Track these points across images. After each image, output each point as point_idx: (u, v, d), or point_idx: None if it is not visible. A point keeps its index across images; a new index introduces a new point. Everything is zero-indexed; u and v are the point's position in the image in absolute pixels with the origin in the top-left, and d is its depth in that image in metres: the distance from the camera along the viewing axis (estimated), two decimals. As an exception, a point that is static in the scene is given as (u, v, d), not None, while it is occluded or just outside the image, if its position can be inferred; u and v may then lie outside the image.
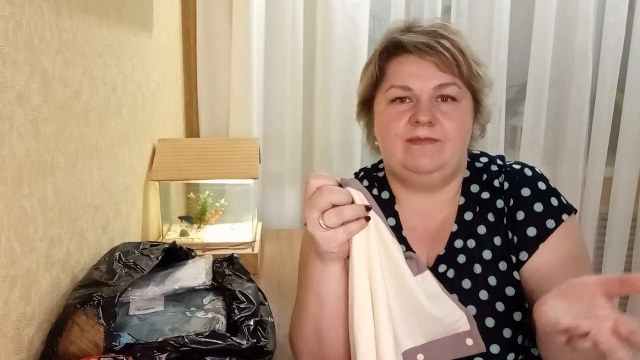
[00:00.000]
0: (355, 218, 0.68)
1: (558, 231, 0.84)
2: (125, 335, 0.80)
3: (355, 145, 1.88)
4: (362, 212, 0.68)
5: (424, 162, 0.83)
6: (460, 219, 0.89)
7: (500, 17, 1.83)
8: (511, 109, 2.09)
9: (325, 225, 0.67)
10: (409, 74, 0.85)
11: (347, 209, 0.67)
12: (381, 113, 0.88)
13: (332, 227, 0.67)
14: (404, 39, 0.86)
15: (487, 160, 0.94)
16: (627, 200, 2.00)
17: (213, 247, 1.37)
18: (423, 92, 0.84)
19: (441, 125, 0.83)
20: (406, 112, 0.84)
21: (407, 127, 0.84)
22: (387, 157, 0.90)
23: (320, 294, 0.76)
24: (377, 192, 0.97)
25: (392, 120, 0.85)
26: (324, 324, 0.77)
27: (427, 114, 0.82)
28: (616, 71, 1.90)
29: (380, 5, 1.90)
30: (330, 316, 0.77)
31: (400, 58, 0.87)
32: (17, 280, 0.71)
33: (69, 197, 0.88)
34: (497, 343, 0.81)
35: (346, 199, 0.68)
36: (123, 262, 0.89)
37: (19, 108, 0.71)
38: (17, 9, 0.70)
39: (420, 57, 0.85)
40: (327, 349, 0.79)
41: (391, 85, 0.86)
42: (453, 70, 0.84)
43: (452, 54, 0.83)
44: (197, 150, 1.43)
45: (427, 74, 0.84)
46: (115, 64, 1.11)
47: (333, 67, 1.82)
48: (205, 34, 1.79)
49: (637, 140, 1.95)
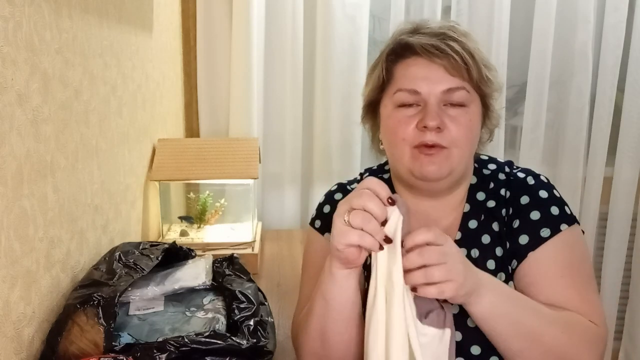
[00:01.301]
0: (373, 235, 0.67)
1: (553, 241, 0.83)
2: (125, 335, 0.80)
3: (355, 145, 1.88)
4: (381, 237, 0.68)
5: (431, 169, 0.81)
6: (464, 226, 0.88)
7: (500, 17, 1.83)
8: (511, 109, 2.09)
9: (348, 221, 0.68)
10: (417, 77, 0.83)
11: (373, 223, 0.67)
12: (388, 117, 0.86)
13: (351, 227, 0.68)
14: (413, 41, 0.84)
15: (495, 167, 0.93)
16: (627, 200, 2.00)
17: (213, 247, 1.37)
18: (431, 95, 0.82)
19: (449, 130, 0.81)
20: (414, 117, 0.82)
21: (415, 132, 0.82)
22: (394, 162, 0.88)
23: (326, 297, 0.76)
24: None
25: (400, 125, 0.83)
26: (328, 327, 0.77)
27: (436, 119, 0.80)
28: (616, 71, 1.90)
29: (380, 5, 1.89)
30: (335, 321, 0.77)
31: (409, 60, 0.85)
32: (17, 280, 0.71)
33: (69, 197, 0.88)
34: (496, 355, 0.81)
35: (378, 213, 0.68)
36: (123, 262, 0.89)
37: (19, 108, 0.71)
38: (17, 9, 0.70)
39: (429, 60, 0.82)
40: (330, 352, 0.79)
41: (398, 89, 0.84)
42: (462, 74, 0.82)
43: (462, 57, 0.81)
44: (197, 150, 1.43)
45: (436, 77, 0.82)
46: (115, 64, 1.11)
47: (333, 67, 1.82)
48: (205, 34, 1.79)
49: (637, 140, 1.95)
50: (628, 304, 2.09)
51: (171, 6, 1.70)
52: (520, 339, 0.74)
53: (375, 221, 0.67)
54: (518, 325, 0.74)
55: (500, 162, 0.94)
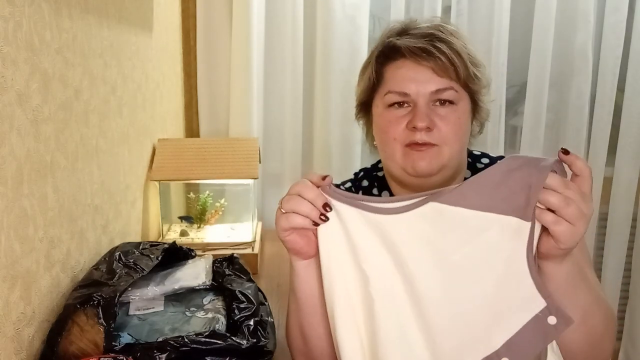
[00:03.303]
0: (305, 215, 0.67)
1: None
2: (125, 335, 0.80)
3: (355, 145, 1.88)
4: (315, 215, 0.67)
5: (423, 165, 0.84)
6: None
7: (500, 17, 1.83)
8: (511, 109, 2.09)
9: (281, 208, 0.69)
10: (405, 79, 0.85)
11: (303, 204, 0.67)
12: (379, 116, 0.89)
13: (284, 211, 0.68)
14: (400, 44, 0.86)
15: (488, 161, 0.94)
16: (627, 200, 2.00)
17: (213, 247, 1.37)
18: (420, 96, 0.84)
19: (439, 129, 0.83)
20: (404, 117, 0.85)
21: (405, 132, 0.84)
22: (386, 159, 0.90)
23: (294, 291, 0.77)
24: (377, 191, 0.97)
25: (390, 125, 0.86)
26: (304, 322, 0.78)
27: (425, 120, 0.82)
28: (616, 71, 1.90)
29: (380, 5, 1.89)
30: (307, 314, 0.77)
31: (397, 62, 0.87)
32: (17, 280, 0.71)
33: (69, 197, 0.88)
34: None
35: (312, 197, 0.67)
36: (123, 262, 0.89)
37: (19, 108, 0.71)
38: (17, 9, 0.70)
39: (416, 62, 0.84)
40: (312, 347, 0.79)
41: (388, 91, 0.86)
42: (450, 74, 0.83)
43: (449, 58, 0.83)
44: (197, 150, 1.43)
45: (424, 79, 0.84)
46: (115, 64, 1.11)
47: (333, 67, 1.82)
48: (205, 34, 1.79)
49: (637, 140, 1.95)
50: (628, 304, 2.09)
51: (171, 6, 1.70)
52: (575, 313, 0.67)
53: (307, 202, 0.67)
54: (577, 298, 0.69)
55: (493, 157, 0.96)
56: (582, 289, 0.70)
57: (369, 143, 0.98)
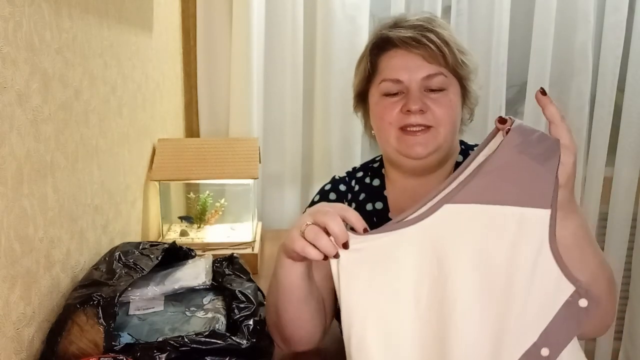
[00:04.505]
0: (322, 250, 0.68)
1: None
2: (125, 335, 0.80)
3: (355, 144, 1.88)
4: (331, 252, 0.68)
5: (418, 149, 0.90)
6: None
7: (500, 17, 1.83)
8: (511, 109, 2.09)
9: (303, 232, 0.70)
10: (398, 67, 0.92)
11: (324, 240, 0.68)
12: (375, 104, 0.96)
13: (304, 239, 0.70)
14: (392, 35, 0.93)
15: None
16: (627, 200, 1.99)
17: (213, 247, 1.37)
18: (412, 82, 0.90)
19: (432, 111, 0.89)
20: (398, 102, 0.91)
21: (400, 115, 0.91)
22: (383, 144, 0.97)
23: (276, 275, 0.80)
24: (369, 180, 1.04)
25: (386, 111, 0.92)
26: (279, 303, 0.81)
27: (418, 103, 0.89)
28: (616, 71, 1.90)
29: (380, 5, 1.89)
30: (282, 300, 0.80)
31: (390, 52, 0.94)
32: (17, 280, 0.71)
33: (69, 197, 0.88)
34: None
35: (337, 232, 0.67)
36: (123, 262, 0.89)
37: (19, 108, 0.71)
38: (17, 9, 0.70)
39: (407, 51, 0.91)
40: (283, 325, 0.83)
41: (383, 79, 0.93)
42: (439, 60, 0.90)
43: (438, 46, 0.89)
44: (197, 150, 1.43)
45: (415, 66, 0.91)
46: (115, 64, 1.12)
47: (333, 67, 1.82)
48: (205, 34, 1.79)
49: (637, 140, 1.95)
50: (628, 304, 2.09)
51: (171, 6, 1.70)
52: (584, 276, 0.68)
53: (327, 239, 0.68)
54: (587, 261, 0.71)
55: None
56: (590, 253, 0.72)
57: (368, 134, 1.05)
